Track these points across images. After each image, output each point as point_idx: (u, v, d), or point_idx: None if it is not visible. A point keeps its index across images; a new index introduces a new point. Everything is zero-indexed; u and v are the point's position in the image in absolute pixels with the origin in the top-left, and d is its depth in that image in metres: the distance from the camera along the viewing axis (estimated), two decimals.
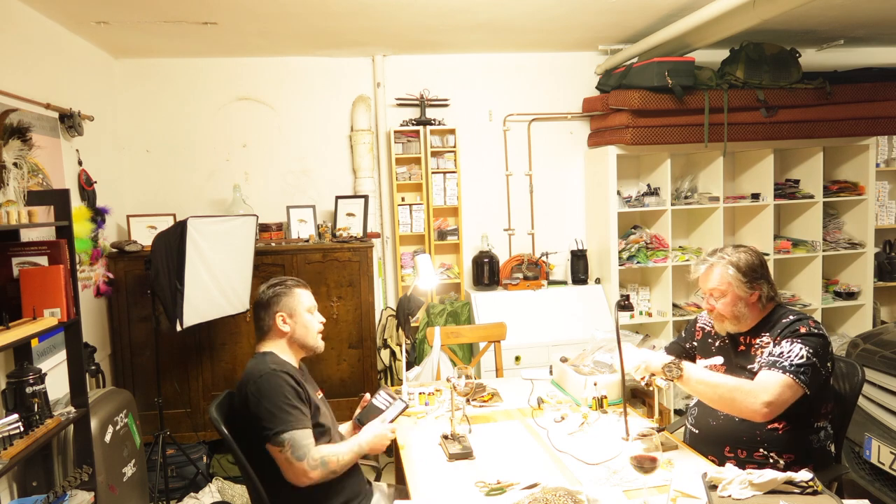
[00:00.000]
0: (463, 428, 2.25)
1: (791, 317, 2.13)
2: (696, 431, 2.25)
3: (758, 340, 2.16)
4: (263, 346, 2.10)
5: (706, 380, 2.06)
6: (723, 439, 2.14)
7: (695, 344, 2.41)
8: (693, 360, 2.34)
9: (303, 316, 2.10)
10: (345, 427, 2.30)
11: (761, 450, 2.07)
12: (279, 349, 2.09)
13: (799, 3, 2.76)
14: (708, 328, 2.37)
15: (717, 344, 2.31)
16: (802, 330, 2.05)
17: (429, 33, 3.68)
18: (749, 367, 2.13)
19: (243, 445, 2.02)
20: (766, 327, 2.17)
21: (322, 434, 2.02)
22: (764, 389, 1.96)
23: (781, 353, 2.01)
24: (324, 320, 2.19)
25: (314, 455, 1.89)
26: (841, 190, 4.33)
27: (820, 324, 2.11)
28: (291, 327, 2.08)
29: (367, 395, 2.29)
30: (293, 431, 1.88)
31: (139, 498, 3.00)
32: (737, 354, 2.22)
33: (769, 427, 2.06)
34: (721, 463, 2.08)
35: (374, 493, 2.19)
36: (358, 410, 2.28)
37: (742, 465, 2.02)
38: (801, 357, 1.98)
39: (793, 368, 1.97)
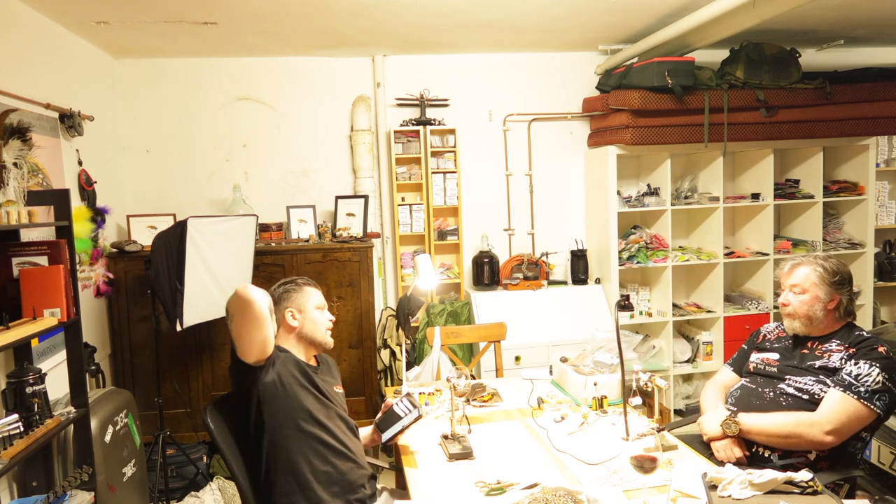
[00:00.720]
0: (462, 428, 2.25)
1: (865, 333, 2.18)
2: (734, 410, 2.25)
3: (825, 346, 2.19)
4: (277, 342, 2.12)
5: (764, 425, 2.08)
6: None
7: (754, 344, 2.45)
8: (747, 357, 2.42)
9: (311, 312, 2.14)
10: (365, 431, 2.27)
11: (788, 411, 2.11)
12: (289, 345, 2.12)
13: (799, 3, 2.76)
14: (769, 334, 2.42)
15: (776, 344, 2.35)
16: (881, 350, 2.08)
17: (429, 33, 3.68)
18: (810, 363, 2.16)
19: (243, 446, 2.02)
20: (836, 337, 2.20)
21: (342, 419, 2.08)
22: (828, 419, 1.99)
23: (859, 374, 2.02)
24: (333, 318, 2.22)
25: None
26: (841, 190, 4.33)
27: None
28: (300, 322, 2.12)
29: (390, 400, 2.28)
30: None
31: (139, 498, 3.00)
32: (798, 353, 2.25)
33: None
34: (748, 446, 2.12)
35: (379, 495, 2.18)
36: (379, 415, 2.26)
37: (786, 456, 2.09)
38: (878, 382, 2.00)
39: (868, 395, 1.99)
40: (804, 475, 1.66)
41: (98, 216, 3.42)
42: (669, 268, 4.13)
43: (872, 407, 1.98)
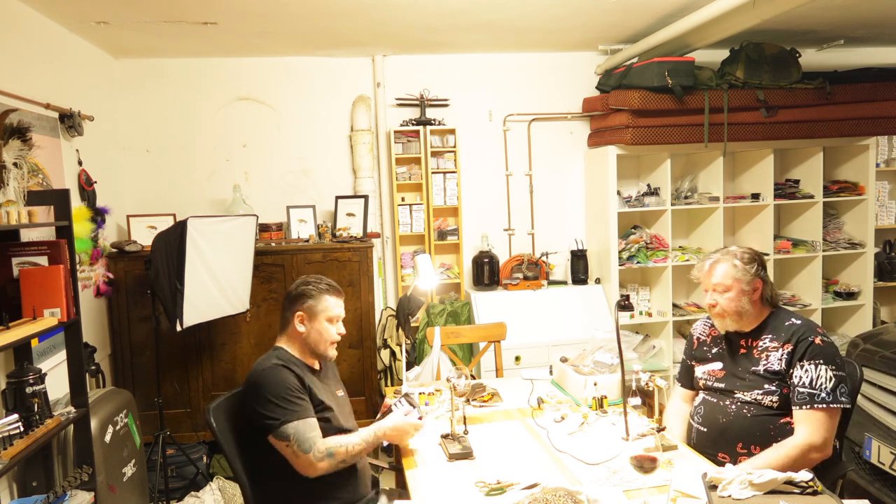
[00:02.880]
0: (461, 428, 2.24)
1: (793, 319, 2.16)
2: (705, 430, 2.23)
3: (760, 343, 2.18)
4: (280, 339, 2.14)
5: (764, 480, 1.98)
6: (735, 436, 2.14)
7: (693, 359, 2.40)
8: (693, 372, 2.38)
9: (321, 323, 2.09)
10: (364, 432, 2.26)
11: (775, 445, 2.07)
12: (292, 347, 2.11)
13: (799, 3, 2.76)
14: (703, 337, 2.39)
15: (713, 350, 2.32)
16: (817, 342, 2.07)
17: (429, 33, 3.68)
18: (753, 369, 2.14)
19: (244, 446, 2.02)
20: (767, 329, 2.18)
21: (338, 429, 2.05)
22: (813, 438, 1.98)
23: (811, 380, 2.02)
24: (343, 332, 2.17)
25: (320, 447, 1.89)
26: (841, 190, 4.33)
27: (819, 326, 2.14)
28: (307, 330, 2.09)
29: (388, 401, 2.27)
30: (297, 422, 1.89)
31: (139, 498, 3.00)
32: (737, 357, 2.23)
33: (782, 421, 2.09)
34: (733, 460, 2.10)
35: (379, 498, 2.18)
36: (379, 416, 2.26)
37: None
38: (832, 379, 2.01)
39: (832, 397, 2.00)
40: (804, 475, 1.66)
41: (98, 216, 3.42)
42: (669, 268, 4.13)
43: (839, 405, 2.01)
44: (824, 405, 2.00)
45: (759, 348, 2.17)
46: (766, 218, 4.23)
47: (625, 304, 2.33)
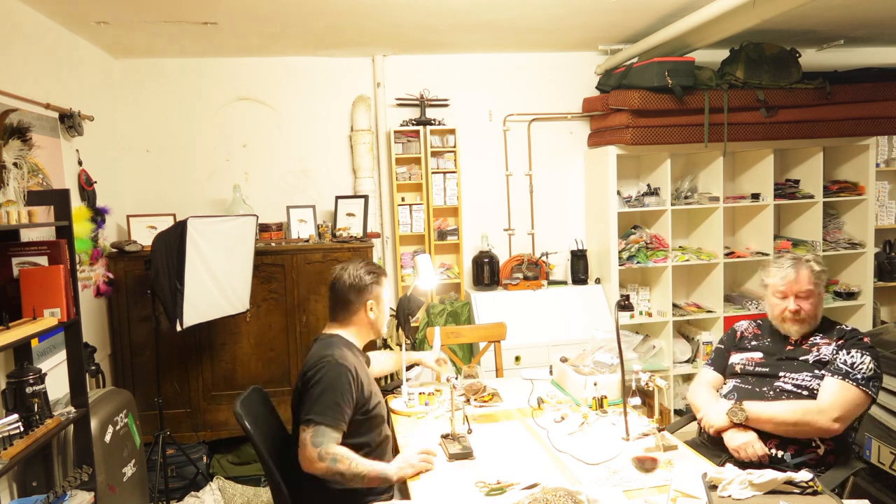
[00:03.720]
0: (462, 428, 2.25)
1: (842, 325, 2.27)
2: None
3: (811, 339, 2.25)
4: (336, 326, 2.18)
5: (772, 413, 2.11)
6: None
7: (734, 345, 2.48)
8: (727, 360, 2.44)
9: (385, 305, 2.23)
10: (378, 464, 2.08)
11: (794, 400, 2.14)
12: (351, 333, 2.17)
13: (799, 3, 2.76)
14: (746, 333, 2.46)
15: (753, 342, 2.39)
16: (866, 340, 2.16)
17: (429, 33, 3.68)
18: (802, 358, 2.21)
19: (271, 442, 2.07)
20: (819, 330, 2.28)
21: (379, 424, 2.12)
22: (833, 406, 2.04)
23: (854, 363, 2.10)
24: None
25: (329, 449, 1.91)
26: (841, 190, 4.33)
27: None
28: (377, 315, 2.19)
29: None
30: (323, 426, 1.92)
31: (139, 498, 3.00)
32: (783, 351, 2.28)
33: None
34: (763, 439, 2.14)
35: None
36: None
37: (784, 443, 2.11)
38: (871, 370, 2.08)
39: (865, 382, 2.06)
40: (804, 475, 1.66)
41: (98, 216, 3.42)
42: (669, 268, 4.13)
43: (870, 392, 2.06)
44: (855, 384, 2.05)
45: (810, 343, 2.25)
46: (766, 218, 4.23)
47: (625, 304, 2.35)
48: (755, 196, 4.23)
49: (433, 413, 2.48)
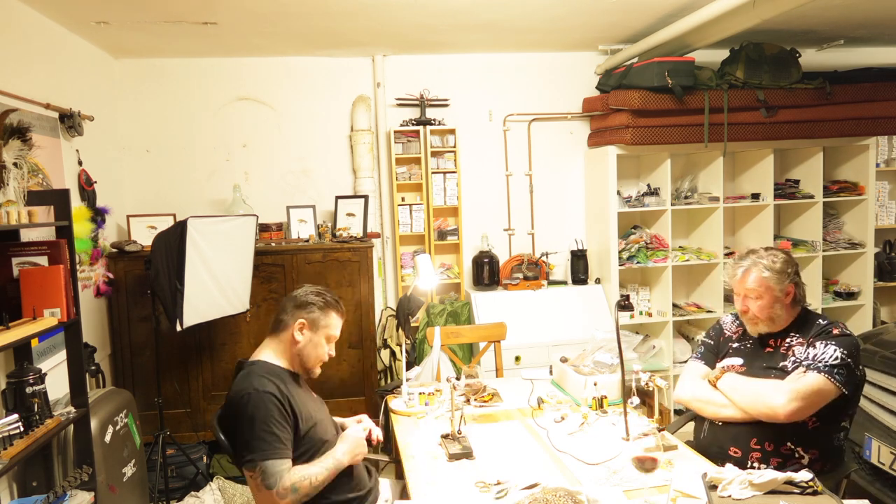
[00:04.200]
0: (465, 427, 2.24)
1: (821, 320, 2.19)
2: (720, 423, 2.21)
3: (787, 341, 2.19)
4: (269, 342, 2.07)
5: (738, 382, 2.11)
6: (750, 432, 2.13)
7: (718, 347, 2.43)
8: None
9: (320, 338, 2.06)
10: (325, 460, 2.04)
11: (788, 444, 2.08)
12: (281, 353, 2.05)
13: (799, 3, 2.76)
14: (729, 332, 2.39)
15: (734, 346, 2.33)
16: (835, 331, 2.11)
17: (429, 33, 3.68)
18: (780, 365, 2.15)
19: None
20: (794, 328, 2.21)
21: (323, 447, 2.00)
22: (792, 388, 2.00)
23: (815, 354, 2.06)
24: (333, 354, 2.13)
25: (284, 483, 1.82)
26: (841, 190, 4.33)
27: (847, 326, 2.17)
28: (304, 341, 2.04)
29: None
30: (267, 461, 1.83)
31: (139, 498, 3.00)
32: (763, 355, 2.23)
33: (802, 421, 2.07)
34: (744, 456, 2.11)
35: (379, 489, 2.18)
36: (381, 416, 2.26)
37: (767, 457, 2.07)
38: (836, 358, 2.03)
39: (827, 368, 2.01)
40: (804, 475, 1.66)
41: (98, 216, 3.42)
42: (669, 268, 4.13)
43: (832, 380, 1.99)
44: (815, 371, 2.01)
45: (786, 346, 2.19)
46: (766, 218, 4.23)
47: (625, 304, 2.34)
48: (755, 196, 4.23)
49: (433, 413, 2.48)
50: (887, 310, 4.70)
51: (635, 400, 2.18)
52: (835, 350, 2.04)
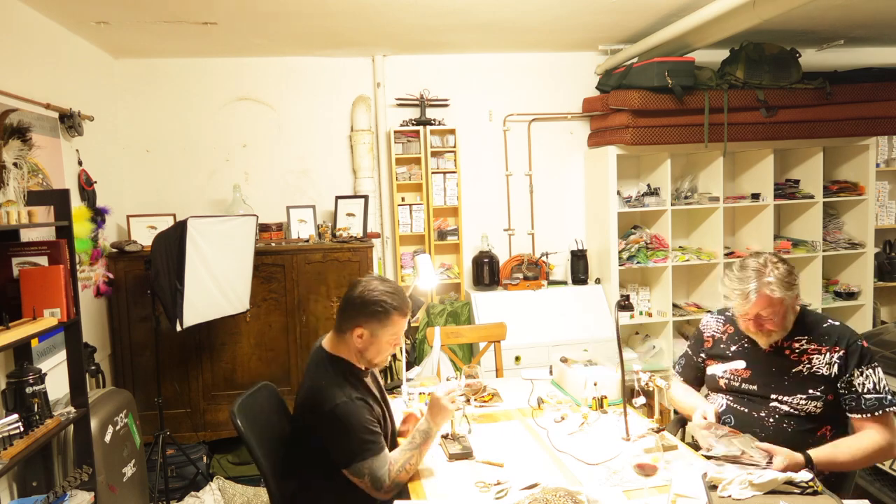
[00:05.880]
0: (463, 428, 2.25)
1: (830, 321, 2.15)
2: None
3: (798, 345, 2.11)
4: (334, 338, 2.04)
5: (841, 461, 1.99)
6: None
7: (702, 356, 2.33)
8: (703, 371, 2.32)
9: (381, 342, 2.00)
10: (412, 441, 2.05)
11: (849, 439, 2.06)
12: (346, 351, 2.02)
13: (799, 3, 2.76)
14: (718, 334, 2.30)
15: (732, 348, 2.24)
16: (865, 345, 2.08)
17: (429, 33, 3.68)
18: (794, 370, 2.09)
19: (289, 446, 2.07)
20: (800, 330, 2.13)
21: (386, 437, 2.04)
22: (891, 437, 2.00)
23: (874, 386, 2.02)
24: (401, 345, 2.10)
25: (390, 483, 1.88)
26: (841, 190, 4.33)
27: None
28: (364, 345, 1.99)
29: (406, 410, 2.26)
30: (371, 460, 1.87)
31: (139, 498, 3.00)
32: (764, 356, 2.15)
33: (819, 435, 2.06)
34: None
35: None
36: (400, 425, 2.28)
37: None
38: (886, 383, 2.04)
39: (890, 398, 2.02)
40: (804, 475, 1.66)
41: (98, 216, 3.42)
42: (669, 268, 4.13)
43: None
44: (894, 407, 2.00)
45: (797, 350, 2.10)
46: (766, 218, 4.23)
47: (625, 304, 2.32)
48: (755, 196, 4.23)
49: None
50: (887, 310, 4.70)
51: (641, 399, 2.17)
52: (881, 373, 2.05)
